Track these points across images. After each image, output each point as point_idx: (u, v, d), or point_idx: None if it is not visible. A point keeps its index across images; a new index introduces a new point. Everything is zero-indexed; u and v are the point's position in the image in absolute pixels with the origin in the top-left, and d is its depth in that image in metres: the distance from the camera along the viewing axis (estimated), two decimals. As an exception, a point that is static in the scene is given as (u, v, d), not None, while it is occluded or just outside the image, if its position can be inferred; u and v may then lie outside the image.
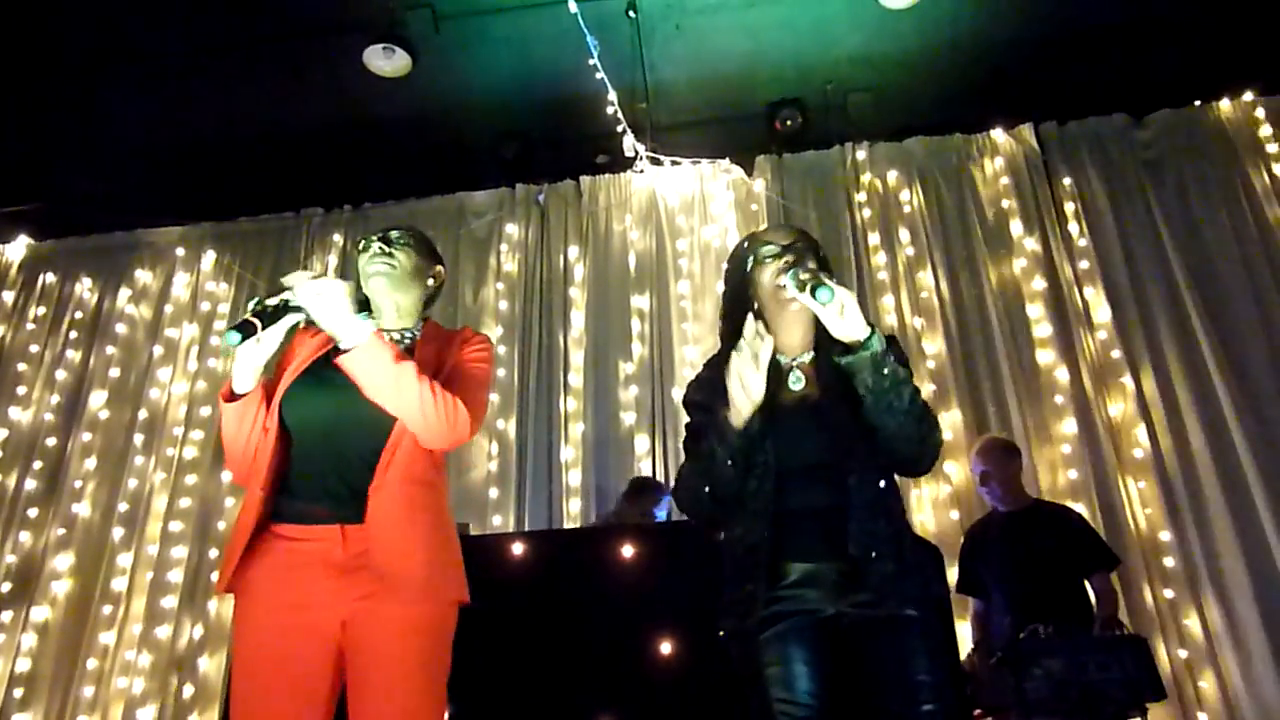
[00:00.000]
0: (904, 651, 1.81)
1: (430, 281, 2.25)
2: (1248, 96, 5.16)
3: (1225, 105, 5.18)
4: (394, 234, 2.20)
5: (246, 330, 1.85)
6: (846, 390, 1.89)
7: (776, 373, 2.02)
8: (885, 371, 1.84)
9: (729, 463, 1.90)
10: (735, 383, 1.84)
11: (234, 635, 1.91)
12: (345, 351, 1.90)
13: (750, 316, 1.90)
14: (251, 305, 1.91)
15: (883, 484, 1.93)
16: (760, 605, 1.86)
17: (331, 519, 1.90)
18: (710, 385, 2.08)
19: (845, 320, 1.82)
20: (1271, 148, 5.02)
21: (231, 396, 1.99)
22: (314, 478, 1.94)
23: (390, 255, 2.13)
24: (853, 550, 1.84)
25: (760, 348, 1.83)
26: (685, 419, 2.16)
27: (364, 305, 2.18)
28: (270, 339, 1.94)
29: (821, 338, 1.98)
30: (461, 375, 2.05)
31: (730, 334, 2.11)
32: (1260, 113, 5.12)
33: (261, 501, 1.91)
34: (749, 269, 2.07)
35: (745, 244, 2.15)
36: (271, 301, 1.93)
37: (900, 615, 1.82)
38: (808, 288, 1.82)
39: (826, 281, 1.81)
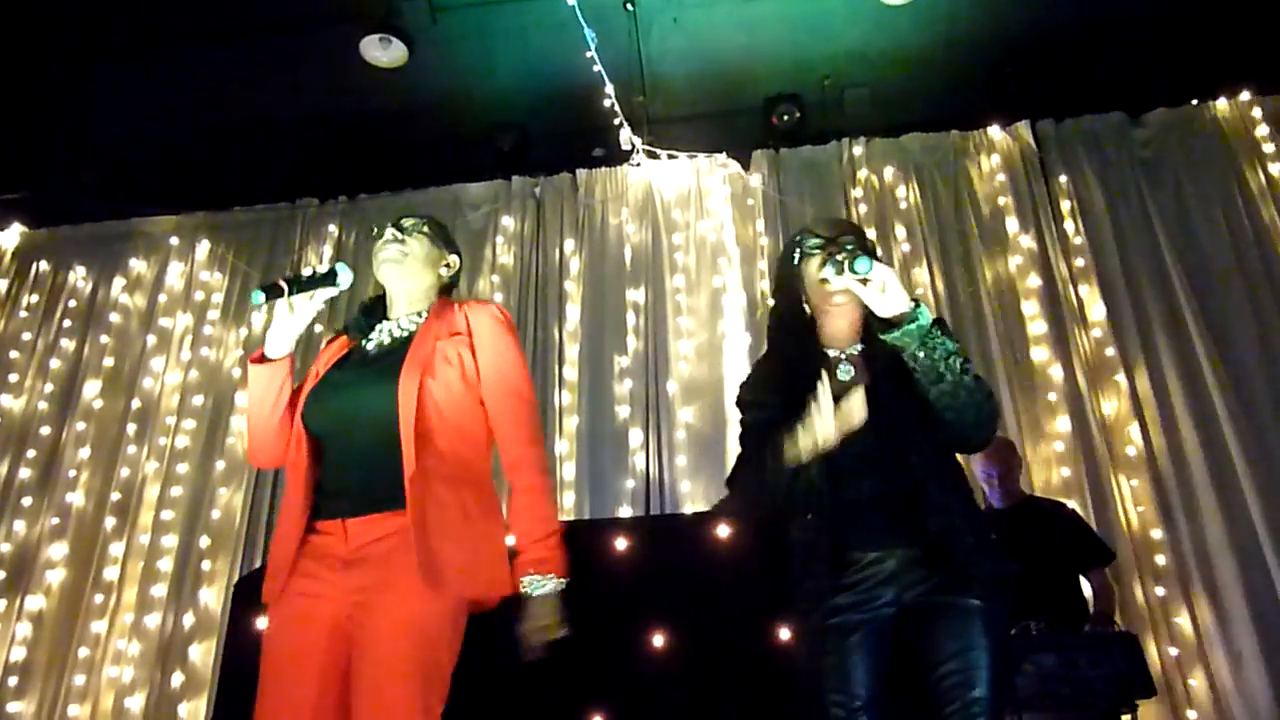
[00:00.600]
0: (966, 639, 1.80)
1: (444, 271, 2.23)
2: (1244, 96, 5.15)
3: (1222, 104, 5.18)
4: (407, 221, 2.19)
5: (272, 292, 1.89)
6: (898, 376, 1.90)
7: (825, 364, 2.04)
8: (933, 344, 1.84)
9: (777, 476, 1.93)
10: (809, 424, 1.83)
11: (265, 632, 1.93)
12: None
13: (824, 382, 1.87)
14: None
15: (947, 461, 1.95)
16: (826, 599, 1.89)
17: (337, 513, 1.91)
18: (763, 383, 2.11)
19: (888, 296, 1.84)
20: (1267, 147, 5.02)
21: (262, 360, 2.01)
22: (333, 476, 1.97)
23: (402, 242, 2.12)
24: (933, 527, 1.84)
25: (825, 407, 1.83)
26: (737, 416, 2.18)
27: (376, 305, 2.20)
28: (304, 309, 1.98)
29: (870, 329, 1.99)
30: (512, 389, 2.06)
31: (776, 329, 2.16)
32: (1257, 112, 5.12)
33: (301, 510, 1.93)
34: (796, 262, 2.08)
35: (795, 237, 2.15)
36: (308, 271, 1.95)
37: (965, 603, 1.82)
38: (845, 265, 1.84)
39: (861, 255, 1.83)
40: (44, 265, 5.77)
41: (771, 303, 2.21)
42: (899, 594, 1.87)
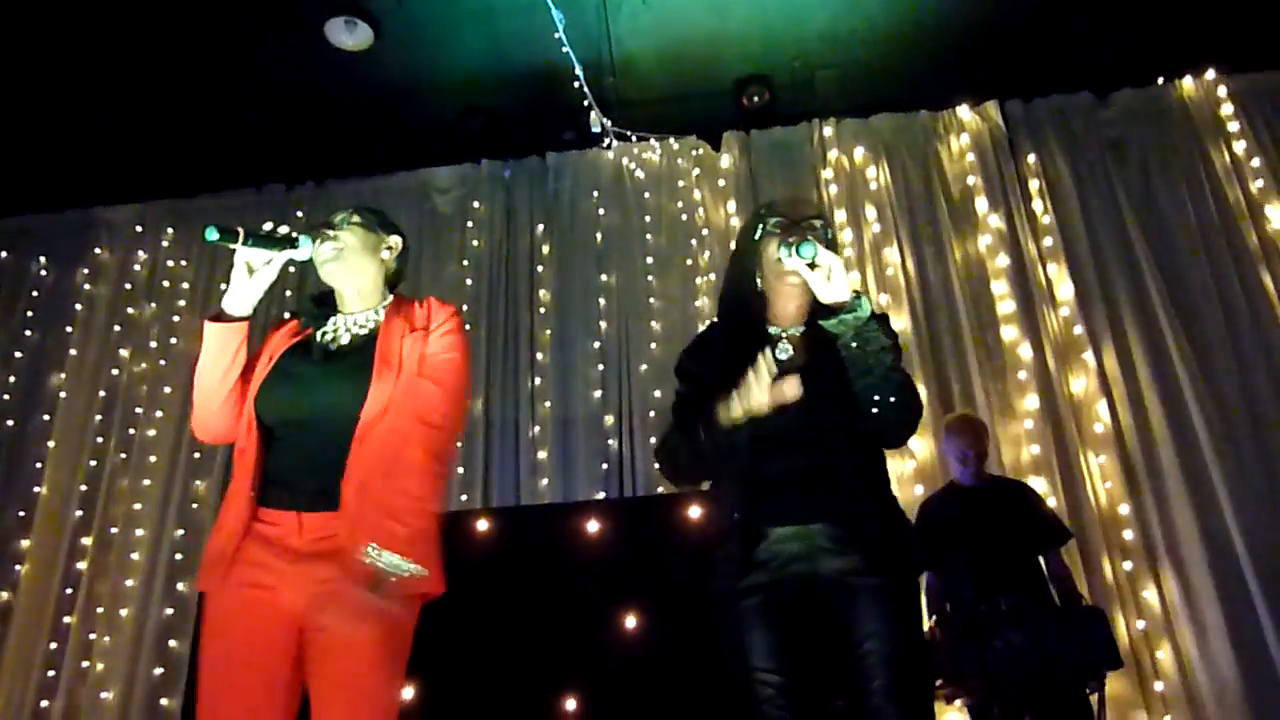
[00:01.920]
0: (875, 620, 1.83)
1: (385, 254, 2.20)
2: (1210, 75, 5.20)
3: (1188, 84, 5.23)
4: (337, 217, 2.16)
5: (226, 236, 1.87)
6: (833, 362, 1.91)
7: (765, 340, 2.05)
8: (867, 337, 1.88)
9: (711, 444, 1.95)
10: (745, 391, 1.86)
11: (204, 619, 1.90)
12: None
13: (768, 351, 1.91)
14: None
15: (867, 447, 1.97)
16: (740, 568, 1.90)
17: (290, 504, 1.89)
18: (702, 352, 2.15)
19: (831, 284, 1.88)
20: (1232, 126, 5.07)
21: (219, 319, 1.99)
22: (284, 467, 1.93)
23: (335, 239, 2.09)
24: (842, 508, 1.87)
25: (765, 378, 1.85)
26: (675, 384, 2.21)
27: (328, 297, 2.17)
28: (264, 273, 1.97)
29: (815, 314, 1.99)
30: (435, 375, 2.00)
31: (727, 299, 2.18)
32: (1222, 91, 5.17)
33: (248, 499, 1.90)
34: (757, 237, 2.10)
35: (760, 210, 2.17)
36: (269, 227, 1.91)
37: (876, 583, 1.84)
38: (794, 248, 1.87)
39: (810, 239, 1.86)
40: (5, 255, 5.68)
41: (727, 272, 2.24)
42: (810, 570, 1.89)
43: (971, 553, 3.68)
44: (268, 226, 1.94)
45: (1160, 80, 5.25)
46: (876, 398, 1.90)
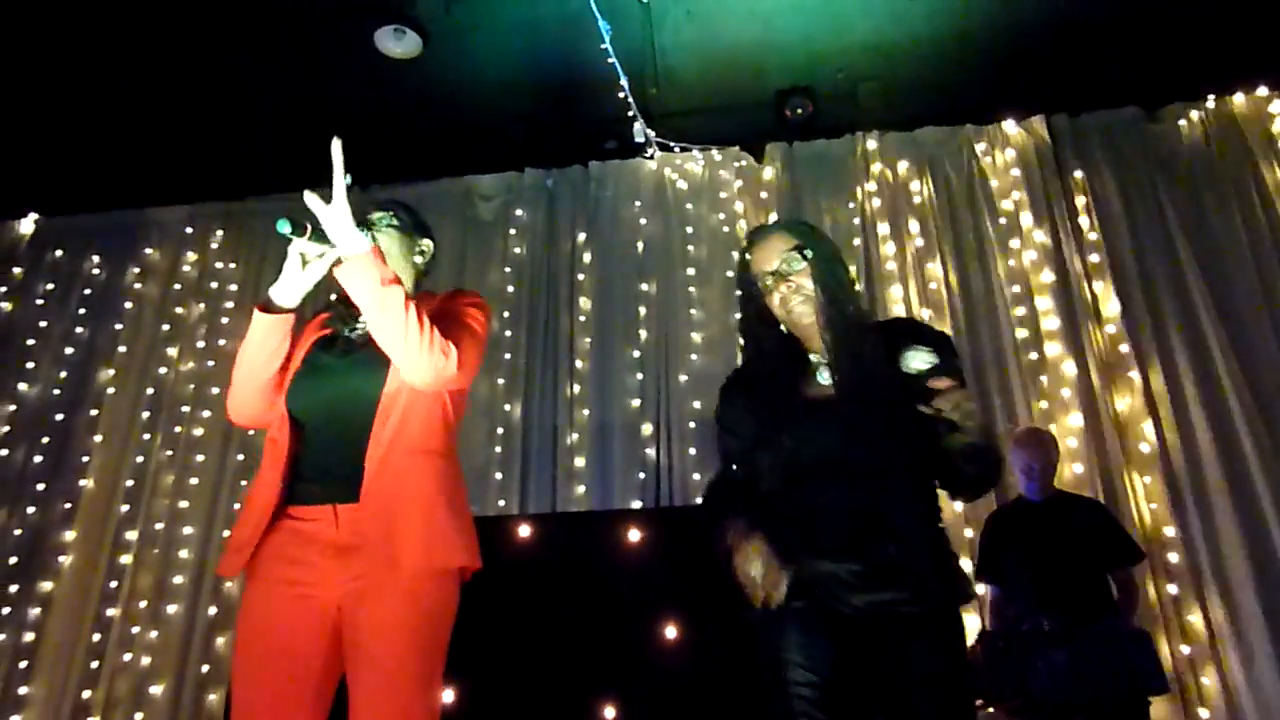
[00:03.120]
0: (919, 648, 1.82)
1: (418, 259, 2.24)
2: (1261, 91, 5.12)
3: (1238, 100, 5.14)
4: (375, 216, 2.20)
5: (297, 229, 1.91)
6: (876, 388, 1.90)
7: (805, 367, 2.05)
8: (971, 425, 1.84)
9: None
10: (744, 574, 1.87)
11: (239, 614, 1.93)
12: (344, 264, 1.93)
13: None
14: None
15: (921, 485, 1.95)
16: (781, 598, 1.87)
17: (325, 499, 1.92)
18: (737, 403, 2.14)
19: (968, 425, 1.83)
20: (1285, 140, 4.99)
21: (267, 309, 2.02)
22: (313, 460, 1.97)
23: (373, 240, 2.10)
24: (892, 550, 1.85)
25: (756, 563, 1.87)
26: (712, 423, 2.27)
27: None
28: (315, 266, 1.99)
29: (840, 329, 1.99)
30: (453, 322, 2.04)
31: (748, 335, 2.18)
32: (1274, 107, 5.08)
33: (277, 489, 1.93)
34: (761, 299, 2.11)
35: (746, 255, 2.17)
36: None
37: (920, 613, 1.82)
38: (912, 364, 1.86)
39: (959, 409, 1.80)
40: (59, 253, 5.80)
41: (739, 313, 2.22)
42: (851, 599, 1.85)
43: (1033, 568, 3.63)
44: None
45: (1210, 96, 5.17)
46: (968, 476, 1.91)
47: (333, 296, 2.18)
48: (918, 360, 1.86)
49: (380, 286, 1.88)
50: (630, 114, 4.92)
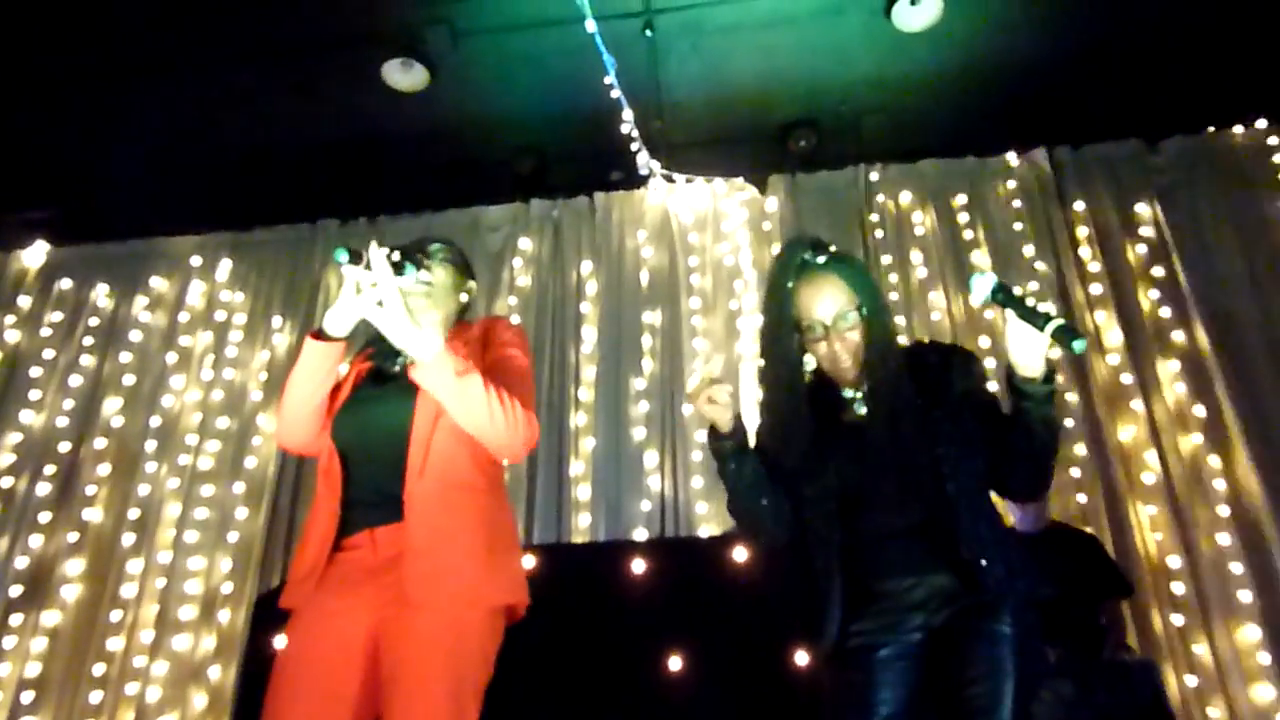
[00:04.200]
0: (993, 664, 1.80)
1: (464, 297, 2.30)
2: (1261, 124, 5.17)
3: (1238, 132, 5.19)
4: (433, 247, 2.24)
5: (354, 257, 1.92)
6: (914, 407, 1.92)
7: (838, 400, 2.07)
8: (1049, 414, 1.86)
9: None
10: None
11: (284, 648, 1.95)
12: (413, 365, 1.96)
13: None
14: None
15: (979, 489, 1.95)
16: (843, 630, 1.91)
17: (364, 524, 1.96)
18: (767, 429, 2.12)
19: (1033, 354, 1.84)
20: (1284, 174, 5.04)
21: (319, 337, 2.05)
22: (357, 491, 2.01)
23: (430, 273, 2.16)
24: (965, 554, 1.85)
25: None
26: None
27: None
28: (369, 295, 1.95)
29: (871, 363, 1.99)
30: (505, 371, 2.07)
31: (771, 366, 2.10)
32: (1273, 140, 5.12)
33: (336, 518, 1.98)
34: (802, 337, 2.06)
35: (788, 283, 2.06)
36: (389, 254, 1.95)
37: (995, 629, 1.82)
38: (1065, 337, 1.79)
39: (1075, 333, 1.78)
40: (66, 283, 5.82)
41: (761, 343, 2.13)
42: (927, 619, 1.88)
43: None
44: (389, 254, 1.97)
45: (1211, 129, 5.22)
46: (1033, 461, 1.91)
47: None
48: (982, 286, 1.87)
49: (458, 380, 1.91)
50: (635, 146, 4.96)
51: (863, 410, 2.04)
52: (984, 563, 1.84)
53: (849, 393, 2.08)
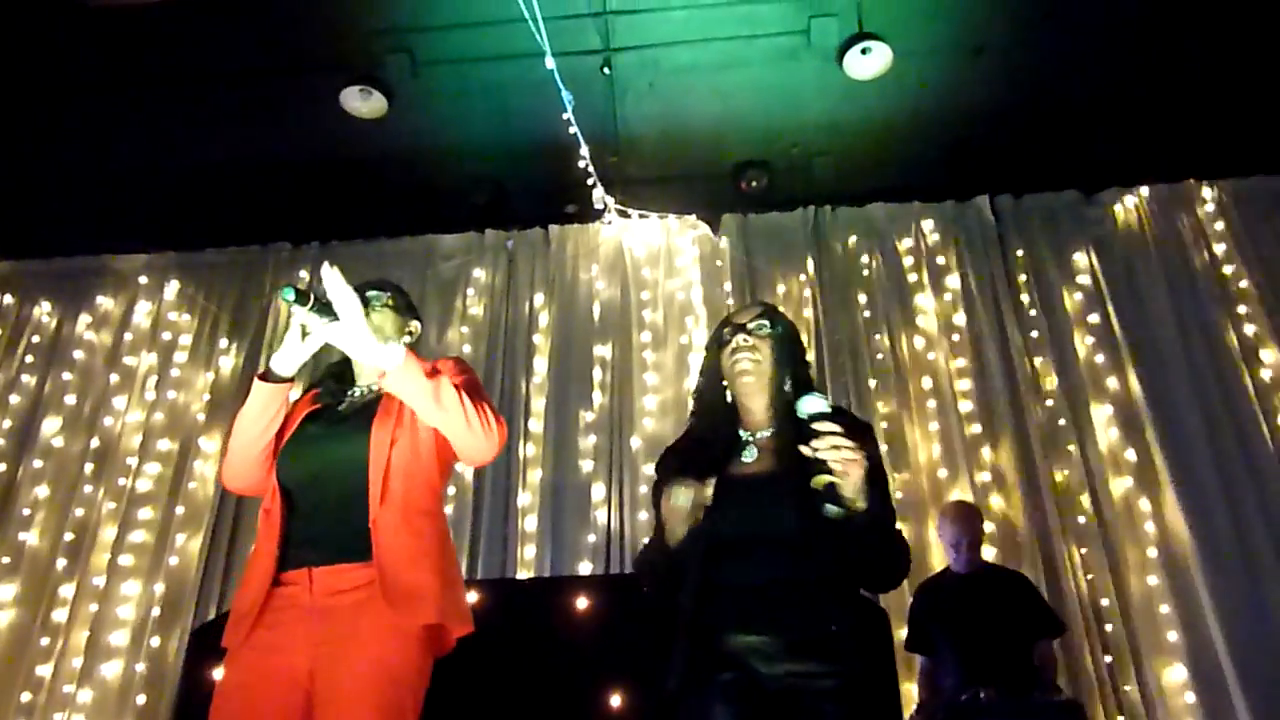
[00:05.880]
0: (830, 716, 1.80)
1: (407, 338, 2.32)
2: (1191, 180, 5.38)
3: (1171, 187, 5.40)
4: (371, 294, 2.26)
5: (301, 298, 1.94)
6: (804, 469, 1.86)
7: (734, 445, 2.09)
8: (868, 533, 1.86)
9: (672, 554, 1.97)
10: (674, 511, 1.91)
11: (220, 682, 1.94)
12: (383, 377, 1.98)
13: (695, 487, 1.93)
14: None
15: (835, 562, 1.92)
16: (694, 670, 1.88)
17: (302, 563, 1.96)
18: (670, 468, 2.11)
19: (848, 490, 1.80)
20: (1213, 228, 5.24)
21: (267, 378, 2.07)
22: (301, 528, 2.02)
23: (367, 318, 2.17)
24: (799, 617, 1.86)
25: (687, 500, 1.90)
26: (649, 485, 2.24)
27: (345, 372, 2.26)
28: (314, 339, 2.03)
29: (782, 414, 2.02)
30: (469, 392, 2.08)
31: (697, 409, 2.23)
32: (1204, 193, 5.34)
33: (273, 558, 1.98)
34: (719, 347, 2.17)
35: (720, 326, 2.25)
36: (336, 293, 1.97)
37: (840, 688, 1.82)
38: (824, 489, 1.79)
39: (836, 493, 1.79)
40: (8, 299, 5.72)
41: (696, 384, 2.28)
42: (770, 676, 1.85)
43: (960, 640, 3.71)
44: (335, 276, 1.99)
45: (1145, 182, 5.41)
46: (874, 569, 1.94)
47: (335, 360, 2.26)
48: (811, 404, 1.83)
49: (429, 382, 1.95)
50: (590, 180, 5.02)
51: (750, 457, 2.06)
52: (822, 630, 1.85)
53: (744, 434, 2.11)
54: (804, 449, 1.80)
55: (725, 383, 2.16)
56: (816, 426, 1.79)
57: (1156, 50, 4.76)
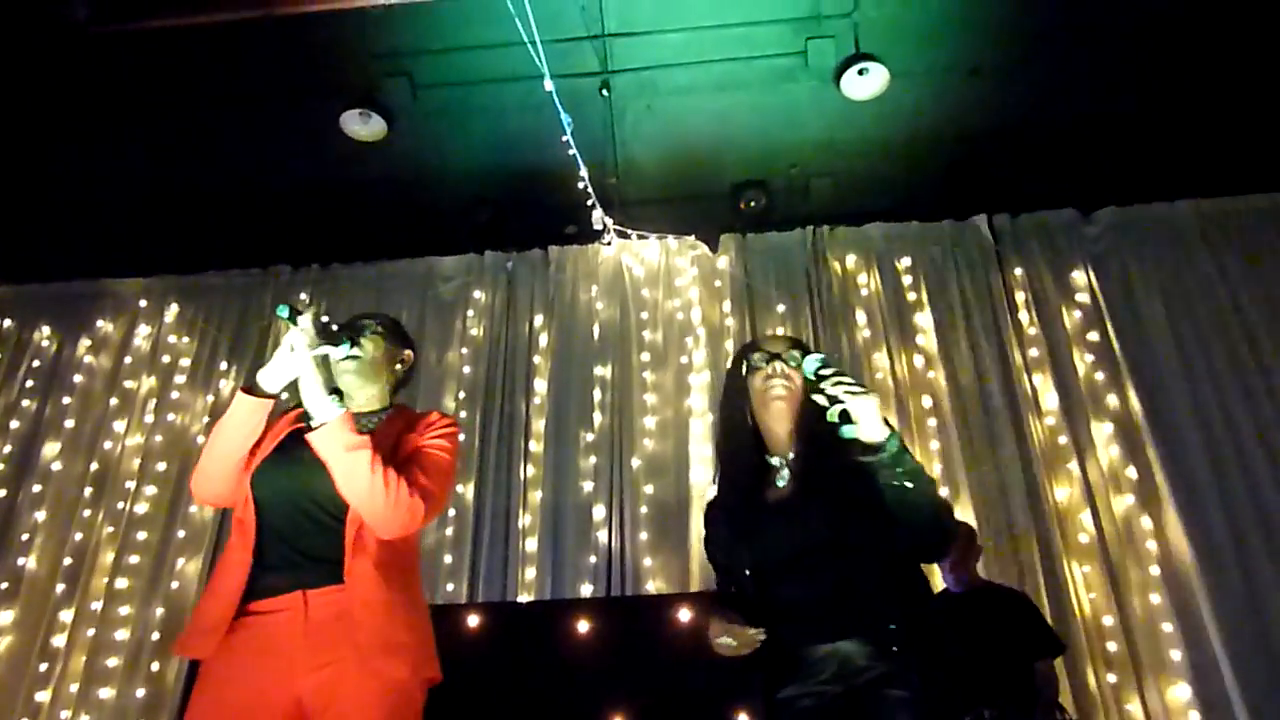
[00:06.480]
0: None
1: (399, 366, 2.33)
2: (1189, 198, 5.40)
3: (1167, 205, 5.41)
4: (362, 323, 2.29)
5: (295, 316, 1.99)
6: (835, 480, 2.01)
7: (765, 470, 2.17)
8: (901, 470, 1.95)
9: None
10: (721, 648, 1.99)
11: (191, 703, 1.92)
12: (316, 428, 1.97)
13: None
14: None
15: (891, 562, 2.03)
16: (767, 692, 2.01)
17: (293, 586, 1.95)
18: (718, 532, 2.25)
19: (866, 426, 1.94)
20: (1208, 246, 5.25)
21: (251, 392, 2.07)
22: (280, 549, 2.00)
23: (360, 347, 2.21)
24: (874, 623, 1.95)
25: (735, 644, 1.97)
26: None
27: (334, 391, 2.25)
28: (303, 357, 2.01)
29: (804, 432, 2.13)
30: (421, 460, 2.10)
31: (723, 438, 2.30)
32: (1200, 212, 5.36)
33: (246, 569, 1.97)
34: (744, 373, 2.25)
35: (743, 348, 2.33)
36: (325, 320, 2.03)
37: (900, 695, 1.89)
38: (839, 417, 1.96)
39: (848, 404, 1.94)
40: (8, 323, 5.72)
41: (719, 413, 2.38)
42: (846, 682, 1.95)
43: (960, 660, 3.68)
44: (324, 319, 2.03)
45: (1141, 200, 5.43)
46: (917, 521, 1.99)
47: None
48: (813, 363, 2.01)
49: (346, 453, 1.94)
50: (590, 201, 5.04)
51: (783, 482, 2.16)
52: (891, 632, 1.93)
53: (775, 460, 2.19)
54: (816, 397, 1.99)
55: (748, 405, 2.23)
56: (823, 372, 1.98)
57: (1151, 69, 4.79)
